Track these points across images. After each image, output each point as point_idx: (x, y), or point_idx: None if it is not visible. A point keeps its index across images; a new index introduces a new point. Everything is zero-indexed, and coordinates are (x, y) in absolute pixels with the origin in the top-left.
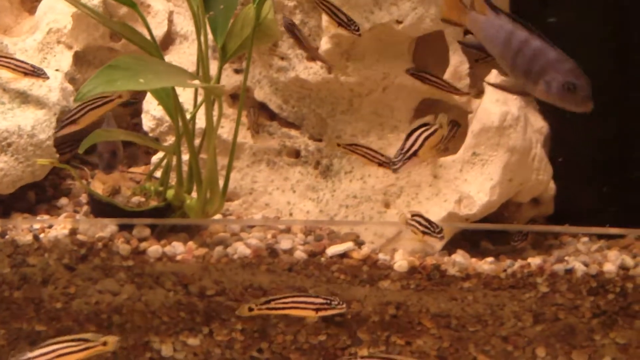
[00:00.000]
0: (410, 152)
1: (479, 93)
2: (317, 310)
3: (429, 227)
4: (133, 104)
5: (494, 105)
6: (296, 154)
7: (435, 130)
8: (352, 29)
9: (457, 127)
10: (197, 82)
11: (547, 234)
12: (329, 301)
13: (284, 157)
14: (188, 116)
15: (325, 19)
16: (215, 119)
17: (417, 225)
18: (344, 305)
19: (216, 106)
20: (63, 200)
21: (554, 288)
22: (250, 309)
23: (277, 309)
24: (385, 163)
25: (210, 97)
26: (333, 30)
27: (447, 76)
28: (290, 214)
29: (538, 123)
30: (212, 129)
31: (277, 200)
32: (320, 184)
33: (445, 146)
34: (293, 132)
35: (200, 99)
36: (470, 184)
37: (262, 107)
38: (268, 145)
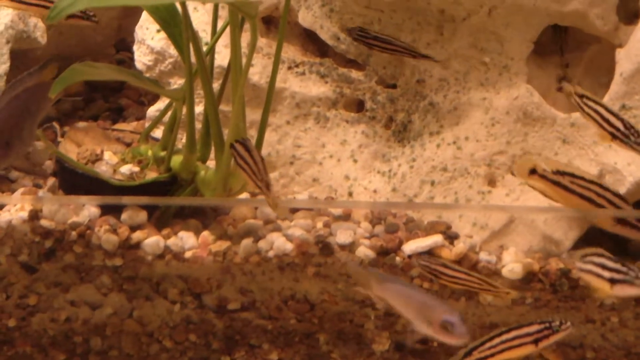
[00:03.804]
0: None
1: (631, 17)
2: (536, 342)
3: (623, 128)
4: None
5: None
6: (359, 106)
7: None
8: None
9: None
10: None
11: None
12: (548, 324)
13: (340, 111)
14: (204, 49)
15: None
16: (244, 52)
17: (596, 116)
18: (569, 325)
19: (245, 34)
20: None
21: None
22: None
23: (484, 358)
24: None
25: (238, 19)
26: None
27: None
28: (350, 194)
29: None
30: (241, 66)
31: (331, 173)
32: (393, 151)
33: None
34: (354, 74)
35: (221, 23)
36: (616, 151)
37: (309, 37)
38: (318, 92)
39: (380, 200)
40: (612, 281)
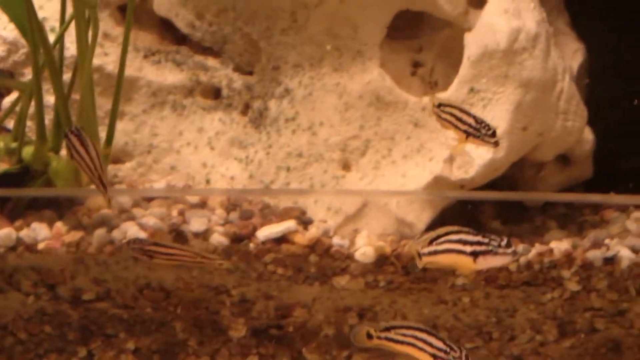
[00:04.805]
0: None
1: (480, 1)
2: (434, 357)
3: (474, 124)
4: None
5: (501, 19)
6: (215, 93)
7: None
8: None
9: None
10: None
11: (581, 207)
12: (447, 350)
13: (197, 98)
14: (52, 39)
15: None
16: (99, 42)
17: (451, 118)
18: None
19: (101, 23)
20: None
21: (588, 285)
22: (370, 336)
23: (396, 341)
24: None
25: (83, 9)
26: None
27: None
28: (208, 181)
29: (569, 45)
30: (85, 55)
31: (188, 161)
32: (250, 137)
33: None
34: (210, 62)
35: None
36: None
37: (166, 26)
38: (174, 80)
39: (237, 187)
40: (474, 254)
